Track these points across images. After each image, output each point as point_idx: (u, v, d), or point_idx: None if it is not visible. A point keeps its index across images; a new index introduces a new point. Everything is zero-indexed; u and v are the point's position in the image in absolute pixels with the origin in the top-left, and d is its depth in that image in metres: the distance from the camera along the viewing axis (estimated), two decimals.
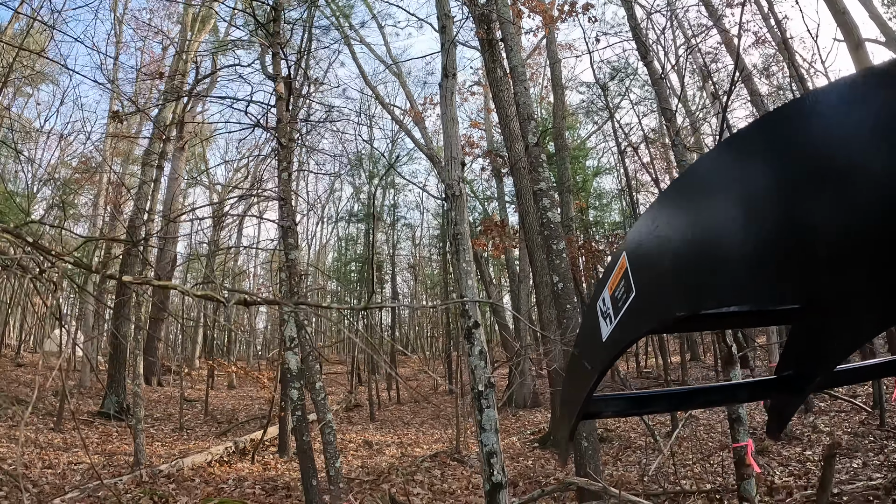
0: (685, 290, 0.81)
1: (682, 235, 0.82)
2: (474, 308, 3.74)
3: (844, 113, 0.55)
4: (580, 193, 19.52)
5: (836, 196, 0.55)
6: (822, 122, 0.58)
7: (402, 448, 12.36)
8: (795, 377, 1.40)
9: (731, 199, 0.71)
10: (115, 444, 11.65)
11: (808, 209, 0.58)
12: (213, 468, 9.82)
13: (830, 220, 0.56)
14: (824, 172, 0.57)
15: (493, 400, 3.65)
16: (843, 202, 0.54)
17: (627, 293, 0.98)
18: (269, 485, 8.67)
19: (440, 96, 4.88)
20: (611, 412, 1.49)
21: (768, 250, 0.64)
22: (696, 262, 0.79)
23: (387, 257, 26.47)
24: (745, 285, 0.70)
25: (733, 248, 0.70)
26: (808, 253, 0.59)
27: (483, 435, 3.67)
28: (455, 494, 8.25)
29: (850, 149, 0.54)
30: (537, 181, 6.07)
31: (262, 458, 10.76)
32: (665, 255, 0.86)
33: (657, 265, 0.89)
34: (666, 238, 0.86)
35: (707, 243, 0.76)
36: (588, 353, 1.19)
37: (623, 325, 1.00)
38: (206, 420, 15.71)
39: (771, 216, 0.64)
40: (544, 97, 20.77)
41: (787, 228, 0.62)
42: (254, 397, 21.01)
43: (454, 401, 16.67)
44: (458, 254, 3.91)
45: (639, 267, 0.96)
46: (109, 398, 14.16)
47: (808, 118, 0.60)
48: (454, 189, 4.12)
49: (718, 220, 0.73)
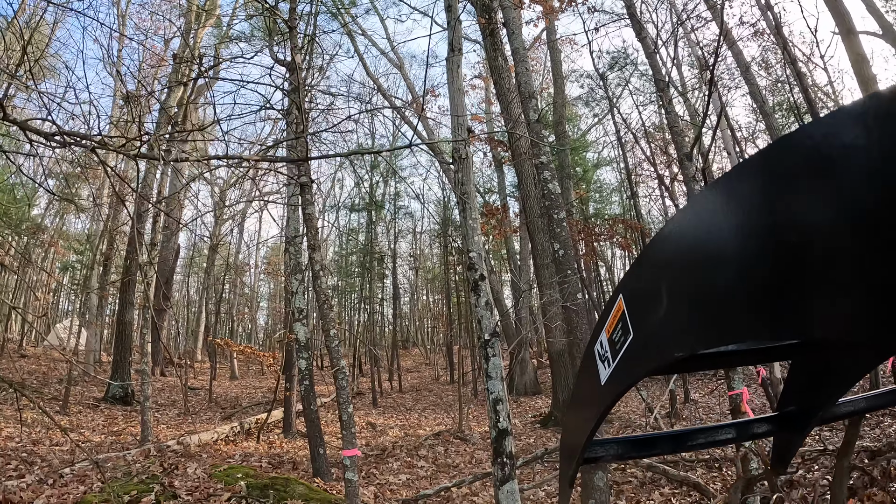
0: (683, 330, 0.81)
1: (677, 277, 0.83)
2: (480, 262, 3.91)
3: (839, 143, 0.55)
4: (580, 184, 19.70)
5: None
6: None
7: (404, 430, 12.52)
8: (798, 413, 1.49)
9: (723, 238, 0.71)
10: (120, 426, 11.80)
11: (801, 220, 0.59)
12: (219, 446, 9.98)
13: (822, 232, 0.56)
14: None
15: (498, 349, 3.82)
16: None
17: (625, 335, 0.97)
18: (276, 460, 8.83)
19: (447, 69, 5.06)
20: (611, 456, 1.49)
21: (763, 284, 0.64)
22: (692, 302, 0.79)
23: (388, 251, 26.58)
24: (743, 323, 0.69)
25: (729, 286, 0.70)
26: (801, 281, 0.58)
27: (489, 383, 3.83)
28: (458, 467, 8.42)
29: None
30: (538, 155, 6.26)
31: (267, 438, 10.92)
32: (661, 297, 0.86)
33: (654, 307, 0.88)
34: (661, 280, 0.87)
35: (702, 284, 0.76)
36: (587, 397, 1.21)
37: (621, 367, 1.00)
38: (210, 406, 15.87)
39: (761, 244, 0.64)
40: (545, 87, 20.94)
41: (779, 256, 0.61)
42: (256, 386, 21.15)
43: (455, 389, 16.84)
44: (464, 212, 4.09)
45: (636, 309, 0.96)
46: (115, 382, 14.29)
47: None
48: (461, 152, 4.30)
49: (711, 260, 0.73)
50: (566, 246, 5.84)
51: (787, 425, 1.52)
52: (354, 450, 3.94)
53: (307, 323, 7.33)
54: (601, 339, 1.06)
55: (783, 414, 1.53)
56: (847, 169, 0.52)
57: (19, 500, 5.44)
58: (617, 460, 1.62)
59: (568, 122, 19.72)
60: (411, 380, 24.45)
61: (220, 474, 6.33)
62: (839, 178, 0.53)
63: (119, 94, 15.94)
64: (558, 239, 5.91)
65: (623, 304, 0.98)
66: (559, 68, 13.34)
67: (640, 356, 0.94)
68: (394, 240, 26.14)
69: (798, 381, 1.49)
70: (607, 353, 1.04)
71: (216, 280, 26.48)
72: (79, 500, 5.56)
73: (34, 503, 5.42)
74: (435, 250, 33.86)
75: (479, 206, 21.55)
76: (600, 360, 1.06)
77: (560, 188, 11.34)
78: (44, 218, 25.62)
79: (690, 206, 0.83)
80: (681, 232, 0.85)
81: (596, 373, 1.08)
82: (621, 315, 0.98)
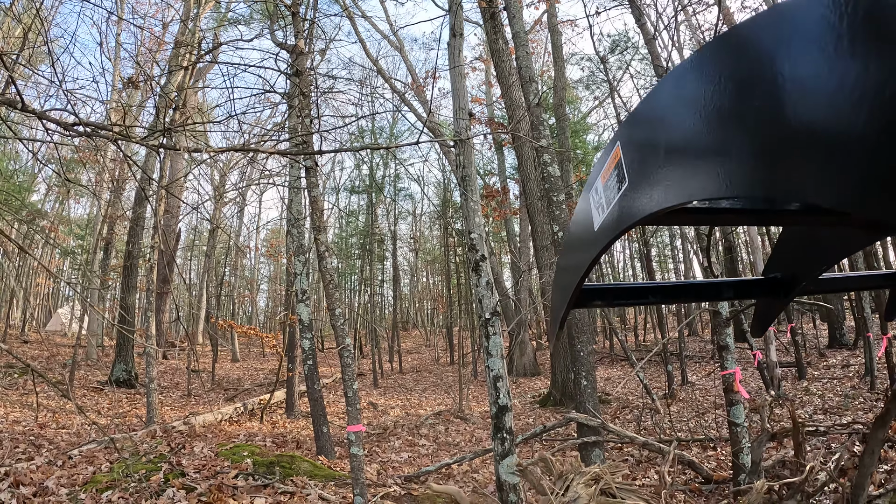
0: (677, 180, 0.81)
1: (676, 126, 0.82)
2: (481, 243, 4.00)
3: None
4: (580, 167, 19.74)
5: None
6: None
7: (405, 410, 12.70)
8: (782, 280, 1.52)
9: (725, 85, 0.70)
10: (125, 408, 11.95)
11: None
12: (223, 426, 10.15)
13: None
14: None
15: (498, 327, 3.92)
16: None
17: (620, 183, 0.98)
18: (279, 439, 8.99)
19: (448, 54, 5.11)
20: (602, 302, 1.48)
21: (765, 142, 0.63)
22: (689, 152, 0.78)
23: (388, 233, 26.62)
24: (740, 176, 0.68)
25: (727, 138, 0.69)
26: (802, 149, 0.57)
27: (490, 360, 3.94)
28: (459, 445, 8.58)
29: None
30: (538, 138, 6.33)
31: (270, 418, 11.09)
32: (659, 146, 0.86)
33: (650, 155, 0.88)
34: (660, 128, 0.87)
35: (700, 133, 0.74)
36: (580, 242, 1.21)
37: (615, 214, 1.01)
38: (213, 388, 16.05)
39: (767, 111, 0.62)
40: (545, 70, 20.90)
41: (784, 125, 0.60)
42: (258, 368, 21.34)
43: (455, 370, 16.99)
44: (466, 194, 4.17)
45: (632, 157, 0.95)
46: (118, 365, 14.43)
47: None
48: (462, 135, 4.37)
49: (713, 109, 0.72)
50: (565, 228, 5.94)
51: (770, 291, 1.55)
52: (359, 425, 4.06)
53: (309, 304, 7.43)
54: (596, 186, 1.07)
55: (768, 279, 1.55)
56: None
57: (30, 482, 5.54)
58: (607, 306, 1.55)
59: (568, 104, 19.71)
60: (411, 361, 24.68)
61: (226, 452, 6.48)
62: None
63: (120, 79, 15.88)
64: (557, 221, 6.01)
65: (620, 152, 0.98)
66: (560, 51, 13.33)
67: (634, 204, 0.94)
68: (394, 222, 26.21)
69: (787, 250, 1.52)
70: (602, 199, 1.04)
71: (217, 263, 26.60)
72: (88, 479, 5.68)
73: (45, 483, 5.52)
74: (435, 232, 33.93)
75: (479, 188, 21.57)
76: (595, 206, 1.08)
77: (560, 171, 11.40)
78: (43, 203, 25.68)
79: (695, 55, 0.75)
80: (681, 82, 0.82)
81: (590, 219, 1.09)
82: (618, 162, 0.98)
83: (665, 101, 0.87)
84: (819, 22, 0.54)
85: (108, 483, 5.43)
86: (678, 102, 0.81)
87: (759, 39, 0.66)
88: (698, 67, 0.76)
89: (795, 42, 0.58)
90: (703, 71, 0.74)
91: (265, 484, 5.46)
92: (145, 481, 5.53)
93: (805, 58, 0.57)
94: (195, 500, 5.15)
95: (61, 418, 10.32)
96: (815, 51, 0.55)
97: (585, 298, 1.38)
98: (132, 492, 5.36)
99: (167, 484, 5.46)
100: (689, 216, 1.18)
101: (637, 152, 0.94)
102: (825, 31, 0.53)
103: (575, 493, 3.55)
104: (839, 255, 1.40)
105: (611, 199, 1.01)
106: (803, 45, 0.57)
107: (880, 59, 0.48)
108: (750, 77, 0.65)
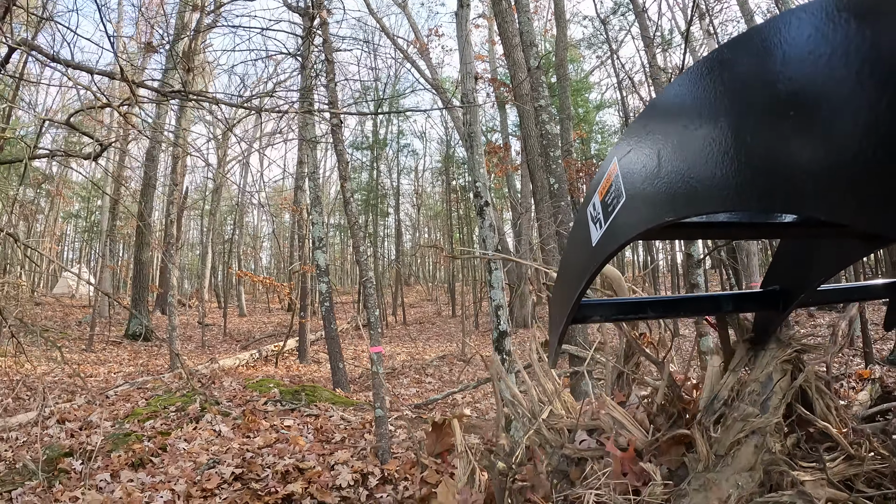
0: (674, 195, 0.81)
1: (672, 141, 0.82)
2: (485, 191, 4.58)
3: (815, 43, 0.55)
4: (581, 125, 20.07)
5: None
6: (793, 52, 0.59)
7: (411, 356, 13.42)
8: (781, 293, 1.53)
9: (721, 114, 0.70)
10: (144, 359, 12.57)
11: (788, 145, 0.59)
12: (241, 370, 10.85)
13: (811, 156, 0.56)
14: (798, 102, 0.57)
15: (500, 263, 4.53)
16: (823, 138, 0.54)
17: (617, 198, 0.97)
18: (296, 380, 9.70)
19: (456, 24, 5.57)
20: (599, 317, 1.49)
21: (757, 165, 0.64)
22: (685, 167, 0.78)
23: (391, 189, 26.95)
24: (733, 192, 0.68)
25: (726, 154, 0.69)
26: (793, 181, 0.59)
27: (492, 292, 4.56)
28: (462, 383, 9.30)
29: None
30: (537, 99, 6.84)
31: (284, 363, 11.80)
32: (655, 160, 0.86)
33: (647, 170, 0.88)
34: (656, 144, 0.86)
35: (699, 150, 0.75)
36: (578, 259, 1.20)
37: (612, 229, 1.00)
38: (225, 339, 16.76)
39: (757, 142, 0.64)
40: (548, 30, 21.06)
41: (770, 157, 0.61)
42: (265, 321, 22.02)
43: (458, 322, 17.68)
44: (472, 148, 4.72)
45: (629, 172, 0.95)
46: (134, 320, 14.96)
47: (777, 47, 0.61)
48: (469, 97, 4.90)
49: (707, 129, 0.73)
50: (561, 180, 6.50)
51: (769, 303, 1.56)
52: (379, 347, 4.67)
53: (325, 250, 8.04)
54: (594, 202, 1.07)
55: (766, 292, 1.56)
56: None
57: (74, 418, 6.05)
58: (605, 321, 1.63)
59: (571, 62, 19.92)
60: (414, 314, 25.40)
61: (253, 385, 7.17)
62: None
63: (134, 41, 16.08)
64: (554, 174, 6.58)
65: (617, 167, 0.98)
66: (562, 11, 13.56)
67: (632, 219, 0.94)
68: (397, 177, 26.52)
69: (785, 262, 1.52)
70: (599, 214, 1.04)
71: (220, 223, 26.98)
72: (129, 413, 6.29)
73: (90, 418, 6.09)
74: (437, 188, 34.19)
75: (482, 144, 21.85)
76: (592, 222, 1.07)
77: (560, 129, 11.89)
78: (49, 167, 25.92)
79: (691, 70, 0.77)
80: (678, 99, 0.83)
81: (588, 235, 1.09)
82: (615, 178, 0.98)
83: (661, 118, 0.89)
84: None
85: (148, 414, 6.03)
86: (674, 118, 0.82)
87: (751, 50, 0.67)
88: (695, 81, 0.77)
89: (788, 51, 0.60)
90: (700, 86, 0.75)
91: (292, 408, 6.15)
92: (184, 410, 6.18)
93: (800, 66, 0.59)
94: (231, 423, 5.80)
95: (86, 369, 10.93)
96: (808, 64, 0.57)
97: (584, 314, 1.41)
98: (173, 418, 6.01)
99: (203, 412, 6.10)
100: (687, 230, 1.22)
101: (634, 167, 0.94)
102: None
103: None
104: (837, 266, 1.38)
105: (608, 214, 1.01)
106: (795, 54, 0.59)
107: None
108: (744, 91, 0.68)
